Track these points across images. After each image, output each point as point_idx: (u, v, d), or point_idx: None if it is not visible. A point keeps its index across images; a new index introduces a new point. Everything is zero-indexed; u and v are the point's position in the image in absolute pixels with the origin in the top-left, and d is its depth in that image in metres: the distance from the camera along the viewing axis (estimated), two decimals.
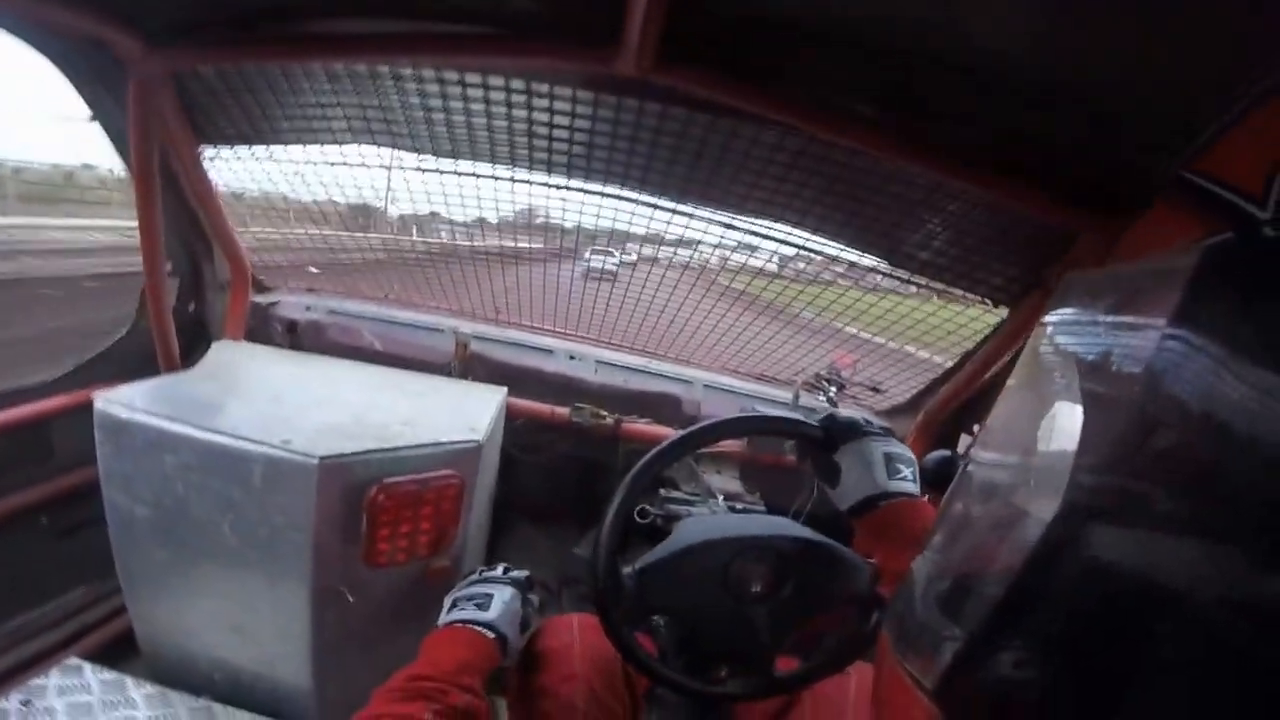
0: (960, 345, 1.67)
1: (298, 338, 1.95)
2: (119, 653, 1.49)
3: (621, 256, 2.04)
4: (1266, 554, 0.31)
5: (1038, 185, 1.11)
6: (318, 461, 1.13)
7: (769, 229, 1.56)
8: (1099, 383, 0.41)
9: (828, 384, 1.79)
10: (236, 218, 1.77)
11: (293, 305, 2.00)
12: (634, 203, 1.58)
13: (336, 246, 2.04)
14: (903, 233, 1.46)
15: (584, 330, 2.18)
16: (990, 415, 0.55)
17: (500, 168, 1.58)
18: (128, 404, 1.21)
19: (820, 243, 1.58)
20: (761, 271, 1.81)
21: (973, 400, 1.65)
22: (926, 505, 0.91)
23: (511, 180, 1.60)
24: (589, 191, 1.59)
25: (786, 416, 1.00)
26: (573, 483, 1.98)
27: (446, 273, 2.09)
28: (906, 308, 1.71)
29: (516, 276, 2.01)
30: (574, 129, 1.37)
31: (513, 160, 1.54)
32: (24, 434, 1.48)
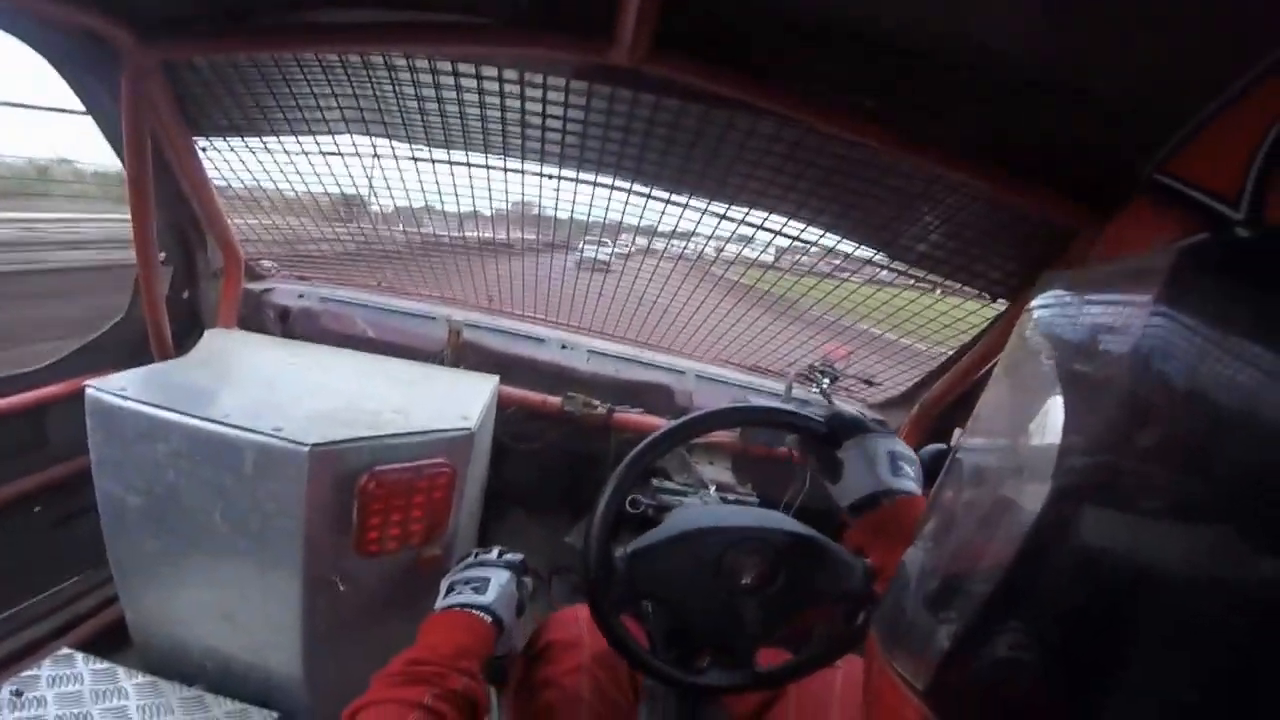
0: (956, 339, 1.68)
1: (290, 325, 1.96)
2: (111, 642, 1.50)
3: (615, 247, 2.04)
4: (1242, 553, 0.32)
5: (1038, 181, 1.11)
6: (309, 449, 1.14)
7: (764, 220, 1.56)
8: (1076, 382, 0.42)
9: (821, 375, 1.79)
10: (230, 207, 1.77)
11: (286, 293, 2.01)
12: (628, 193, 1.59)
13: (330, 235, 2.05)
14: (900, 225, 1.46)
15: (576, 319, 2.18)
16: (973, 412, 0.55)
17: (494, 158, 1.58)
18: (119, 391, 1.21)
19: (816, 234, 1.59)
20: (756, 263, 1.81)
21: (968, 394, 1.66)
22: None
23: (505, 170, 1.61)
24: (583, 182, 1.60)
25: (791, 409, 0.97)
26: (564, 472, 1.99)
27: (439, 261, 2.10)
28: (902, 300, 1.72)
29: (509, 266, 2.02)
30: (567, 119, 1.37)
31: (505, 150, 1.54)
32: (17, 422, 1.49)
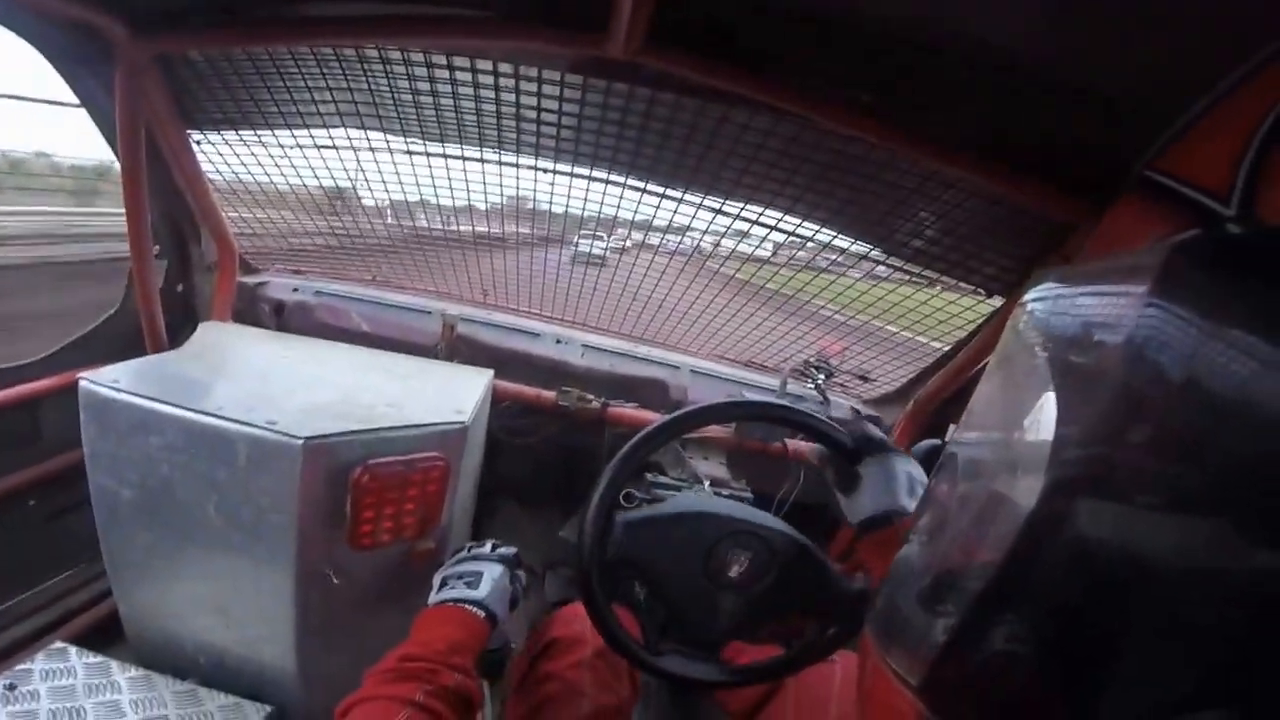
0: (951, 334, 1.69)
1: (285, 319, 1.97)
2: (104, 637, 1.51)
3: (610, 241, 2.05)
4: (1235, 546, 0.32)
5: (1034, 176, 1.11)
6: (302, 442, 1.15)
7: (759, 215, 1.57)
8: (1069, 377, 0.42)
9: (816, 371, 1.81)
10: (224, 200, 1.79)
11: (280, 286, 2.02)
12: (623, 187, 1.60)
13: (324, 229, 2.05)
14: (896, 220, 1.47)
15: (571, 314, 2.19)
16: (967, 406, 0.55)
17: (489, 151, 1.59)
18: (112, 384, 1.22)
19: (811, 229, 1.60)
20: (751, 257, 1.83)
21: (963, 390, 1.65)
22: None
23: (499, 164, 1.62)
24: (578, 175, 1.61)
25: (820, 418, 0.98)
26: (558, 466, 2.00)
27: (434, 256, 2.11)
28: (897, 296, 1.73)
29: (504, 260, 2.03)
30: (562, 112, 1.38)
31: (501, 144, 1.55)
32: (10, 416, 1.50)
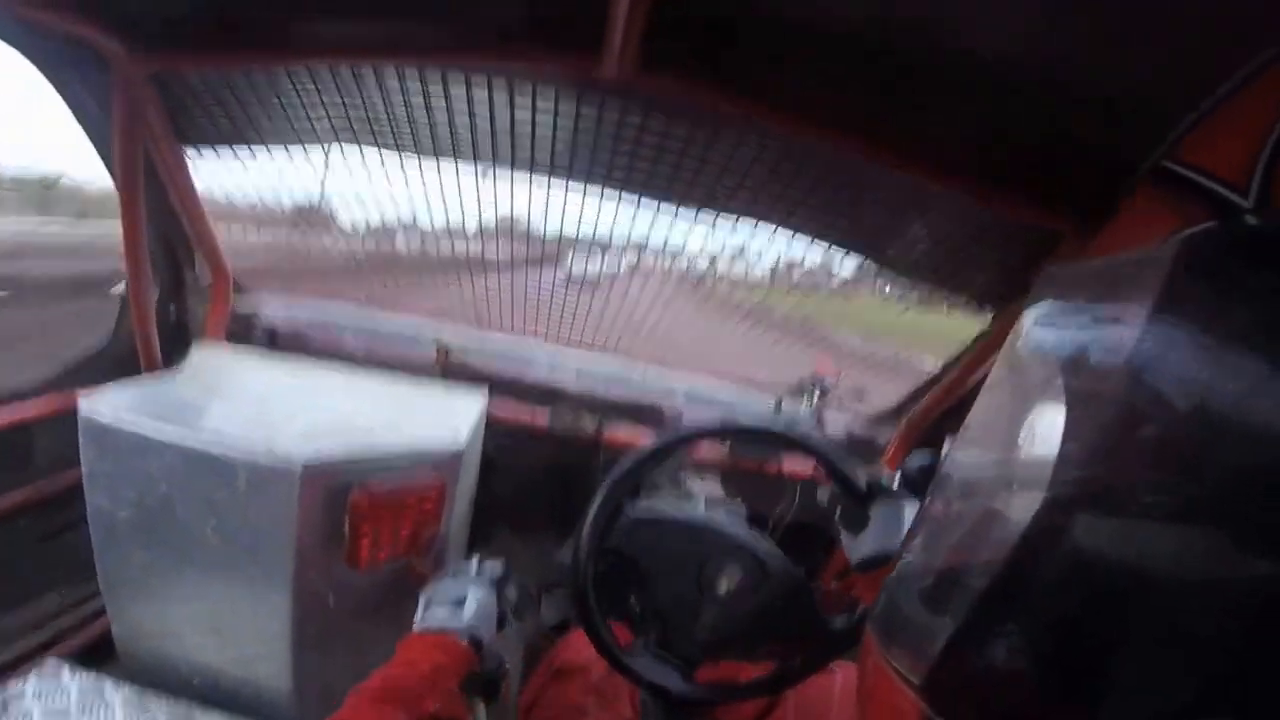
0: (945, 350, 1.71)
1: (278, 342, 1.99)
2: (96, 657, 1.52)
3: (604, 261, 2.08)
4: (1255, 542, 0.32)
5: (1022, 188, 1.12)
6: (302, 465, 1.17)
7: (752, 234, 1.60)
8: (1080, 376, 0.42)
9: (810, 391, 1.84)
10: (217, 220, 1.80)
11: (273, 309, 2.04)
12: (617, 205, 1.62)
13: (317, 250, 2.07)
14: (887, 236, 1.50)
15: (565, 336, 2.20)
16: (972, 409, 0.56)
17: (483, 170, 1.61)
18: (112, 407, 1.24)
19: (804, 248, 1.61)
20: (745, 277, 1.86)
21: (957, 406, 1.68)
22: None
23: (494, 182, 1.63)
24: (571, 194, 1.62)
25: (841, 456, 1.02)
26: (553, 489, 2.01)
27: (428, 277, 2.13)
28: (892, 313, 1.75)
29: (498, 282, 2.04)
30: (556, 131, 1.40)
31: (495, 163, 1.57)
32: (2, 438, 1.51)
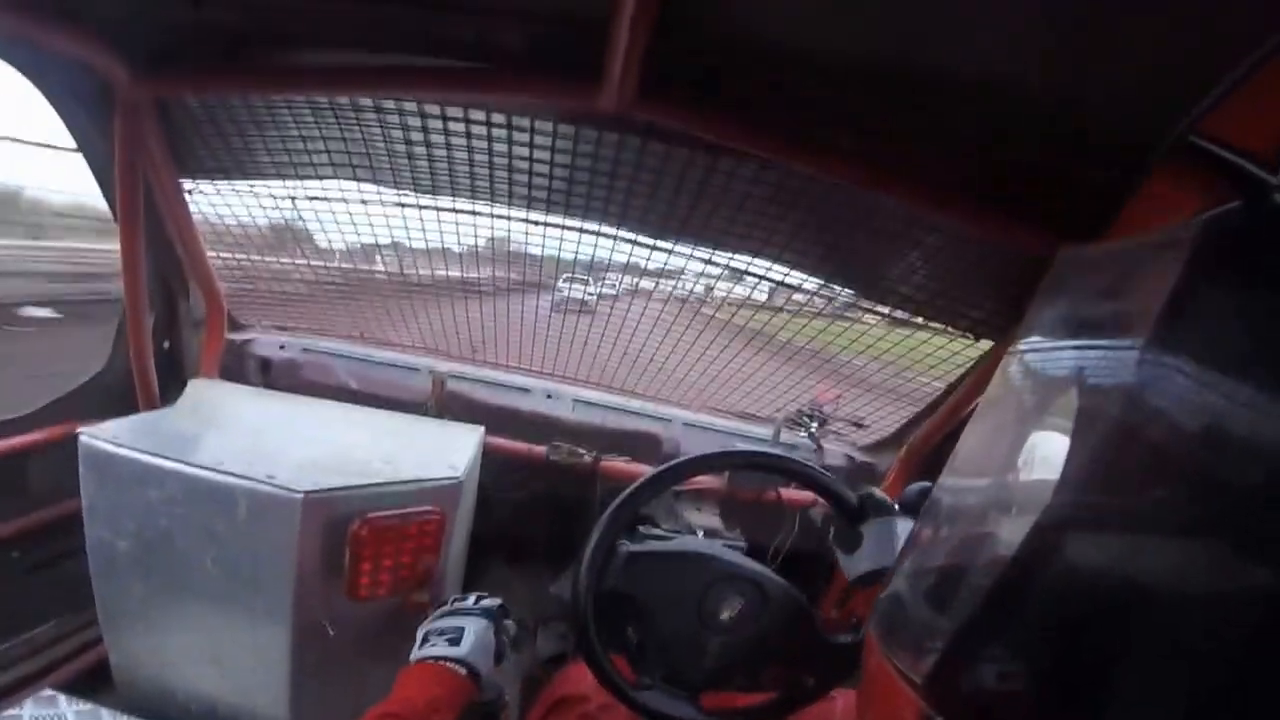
0: (943, 378, 1.74)
1: (272, 377, 2.00)
2: (93, 685, 1.51)
3: (600, 295, 2.10)
4: (1260, 548, 0.32)
5: (1017, 215, 1.14)
6: (302, 496, 1.19)
7: (749, 264, 1.62)
8: (1096, 370, 0.42)
9: (809, 420, 1.86)
10: (213, 251, 1.81)
11: (266, 344, 2.05)
12: (613, 239, 1.65)
13: (312, 281, 2.09)
14: (883, 266, 1.53)
15: (561, 368, 2.22)
16: (977, 409, 0.57)
17: (480, 203, 1.64)
18: (113, 438, 1.26)
19: (800, 277, 1.65)
20: (741, 307, 1.89)
21: (955, 434, 1.70)
22: None
23: (491, 216, 1.67)
24: (568, 228, 1.66)
25: (830, 477, 1.06)
26: (550, 521, 2.02)
27: (424, 310, 2.15)
28: (888, 342, 1.78)
29: (494, 314, 2.06)
30: (554, 164, 1.43)
31: (493, 196, 1.60)
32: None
